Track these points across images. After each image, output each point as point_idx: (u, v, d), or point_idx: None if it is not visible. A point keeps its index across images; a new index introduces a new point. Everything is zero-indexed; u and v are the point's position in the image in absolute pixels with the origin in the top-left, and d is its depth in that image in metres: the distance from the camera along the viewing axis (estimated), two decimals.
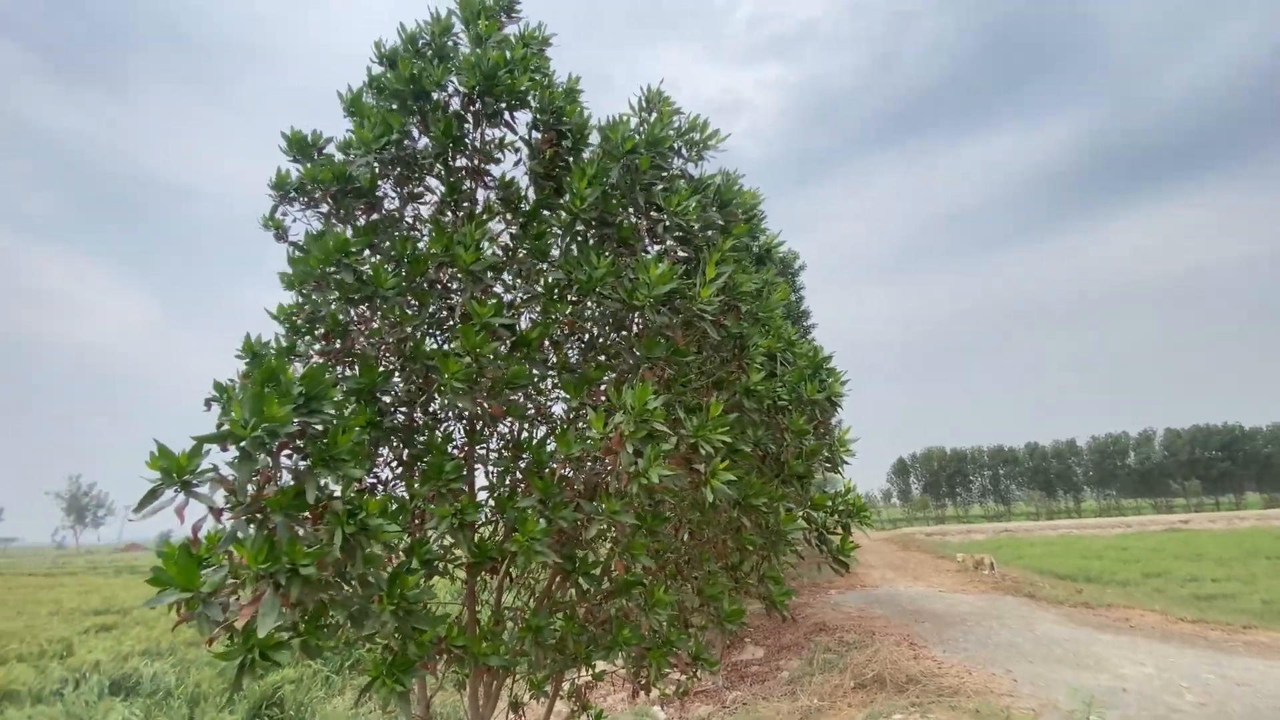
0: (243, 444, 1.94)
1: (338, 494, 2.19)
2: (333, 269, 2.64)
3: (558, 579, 3.27)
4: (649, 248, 3.23)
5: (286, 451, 2.16)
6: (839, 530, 3.35)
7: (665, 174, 3.05)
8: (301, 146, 3.20)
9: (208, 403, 2.86)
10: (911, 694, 7.17)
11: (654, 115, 3.11)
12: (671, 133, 3.05)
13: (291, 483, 2.12)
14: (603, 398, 2.80)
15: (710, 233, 3.03)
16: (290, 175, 3.19)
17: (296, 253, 3.31)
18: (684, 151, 3.20)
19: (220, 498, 2.01)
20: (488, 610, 3.45)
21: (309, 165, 3.11)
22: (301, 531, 2.05)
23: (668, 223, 2.91)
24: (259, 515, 2.02)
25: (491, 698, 3.40)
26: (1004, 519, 69.96)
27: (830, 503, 3.36)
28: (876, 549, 28.98)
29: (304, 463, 2.11)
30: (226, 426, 1.96)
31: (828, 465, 3.42)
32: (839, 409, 3.32)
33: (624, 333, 3.17)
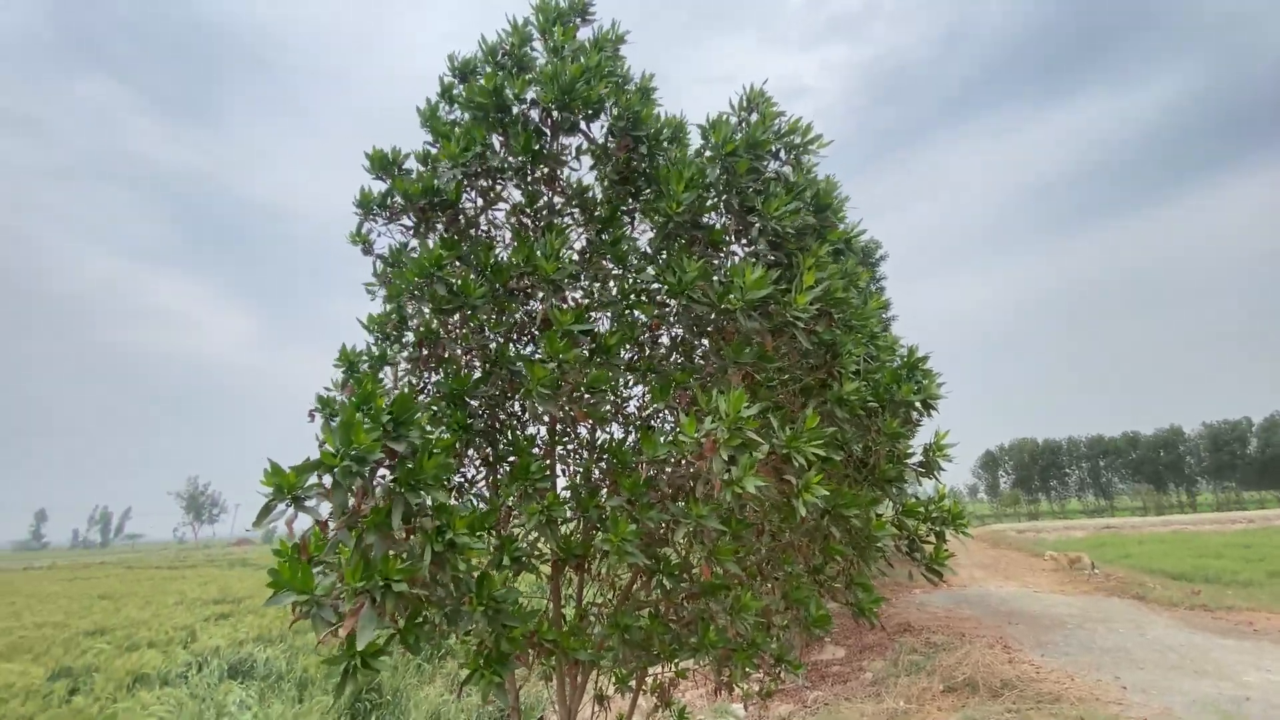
0: (334, 472, 2.03)
1: (428, 514, 2.27)
2: (426, 281, 2.77)
3: (640, 577, 3.31)
4: (738, 251, 3.19)
5: (381, 472, 2.26)
6: (932, 538, 3.21)
7: (761, 176, 3.00)
8: (383, 164, 3.35)
9: (311, 414, 3.07)
10: (1007, 699, 6.81)
11: (754, 116, 3.06)
12: (770, 135, 3.00)
13: (384, 501, 2.24)
14: (687, 401, 2.80)
15: (805, 238, 2.96)
16: (373, 193, 3.35)
17: (381, 265, 3.50)
18: (782, 154, 3.13)
19: (325, 510, 2.15)
20: (571, 606, 3.54)
21: (396, 179, 3.23)
22: (392, 551, 2.14)
23: (761, 226, 2.84)
24: (356, 529, 2.13)
25: (578, 690, 3.48)
26: (1105, 514, 64.97)
27: (923, 509, 3.22)
28: (963, 547, 27.68)
29: (393, 485, 2.19)
30: (320, 457, 2.05)
31: (921, 470, 3.27)
32: (935, 411, 3.17)
33: (707, 337, 3.14)
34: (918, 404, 3.05)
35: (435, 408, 3.10)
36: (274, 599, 2.00)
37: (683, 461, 2.64)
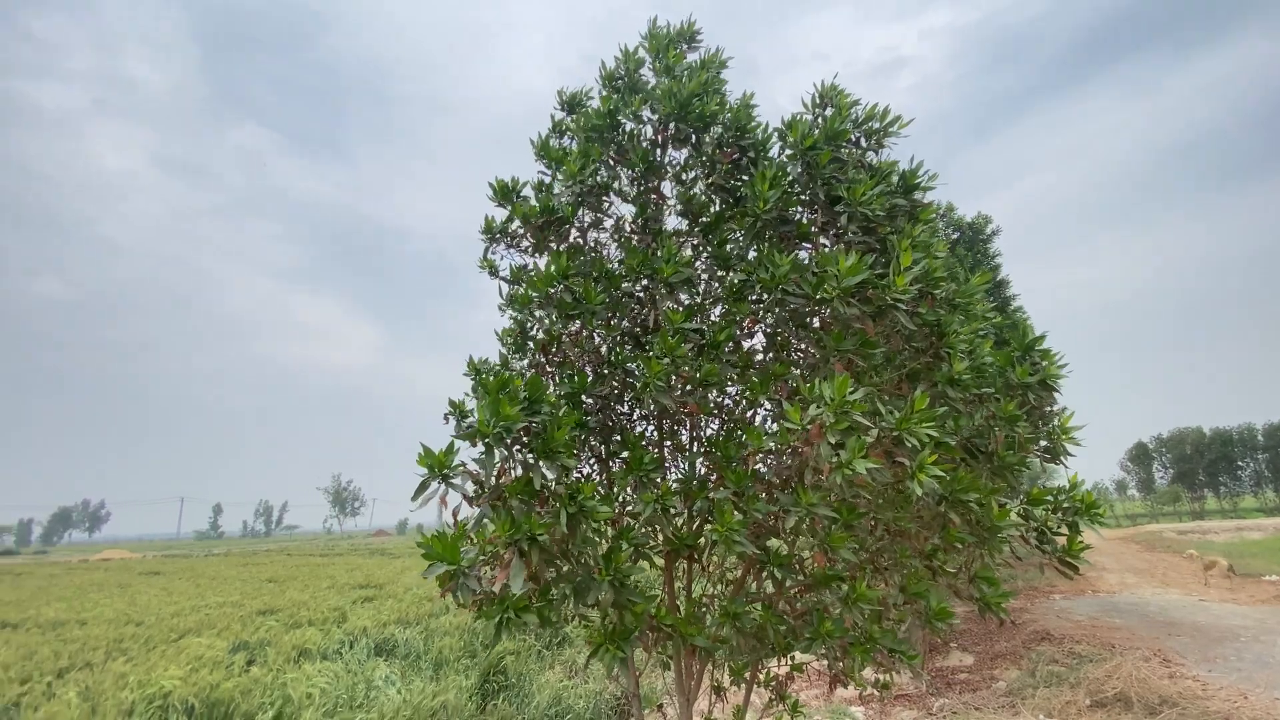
0: (487, 439, 2.39)
1: (560, 482, 2.57)
2: (553, 290, 3.04)
3: (751, 570, 3.37)
4: (828, 242, 3.21)
5: (516, 448, 2.56)
6: (1063, 529, 3.02)
7: (844, 166, 3.04)
8: (504, 193, 3.67)
9: (446, 416, 3.41)
10: (1166, 718, 6.14)
11: (829, 111, 3.12)
12: (849, 125, 3.05)
13: (521, 473, 2.55)
14: (787, 393, 2.84)
15: (897, 220, 2.93)
16: (496, 221, 3.71)
17: (505, 285, 3.85)
18: (863, 142, 3.16)
19: (470, 488, 2.46)
20: (684, 598, 3.65)
21: (515, 205, 3.55)
22: (535, 512, 2.45)
23: (849, 213, 2.86)
24: (500, 501, 2.45)
25: (695, 679, 3.60)
26: None
27: (1052, 498, 3.03)
28: (1112, 549, 24.95)
29: (530, 457, 2.51)
30: (473, 426, 2.43)
31: (1046, 456, 3.08)
32: (1057, 393, 2.98)
33: (805, 329, 3.17)
34: (1036, 385, 2.89)
35: (559, 407, 3.36)
36: (429, 570, 2.32)
37: (788, 452, 2.67)
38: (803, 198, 3.16)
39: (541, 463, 2.44)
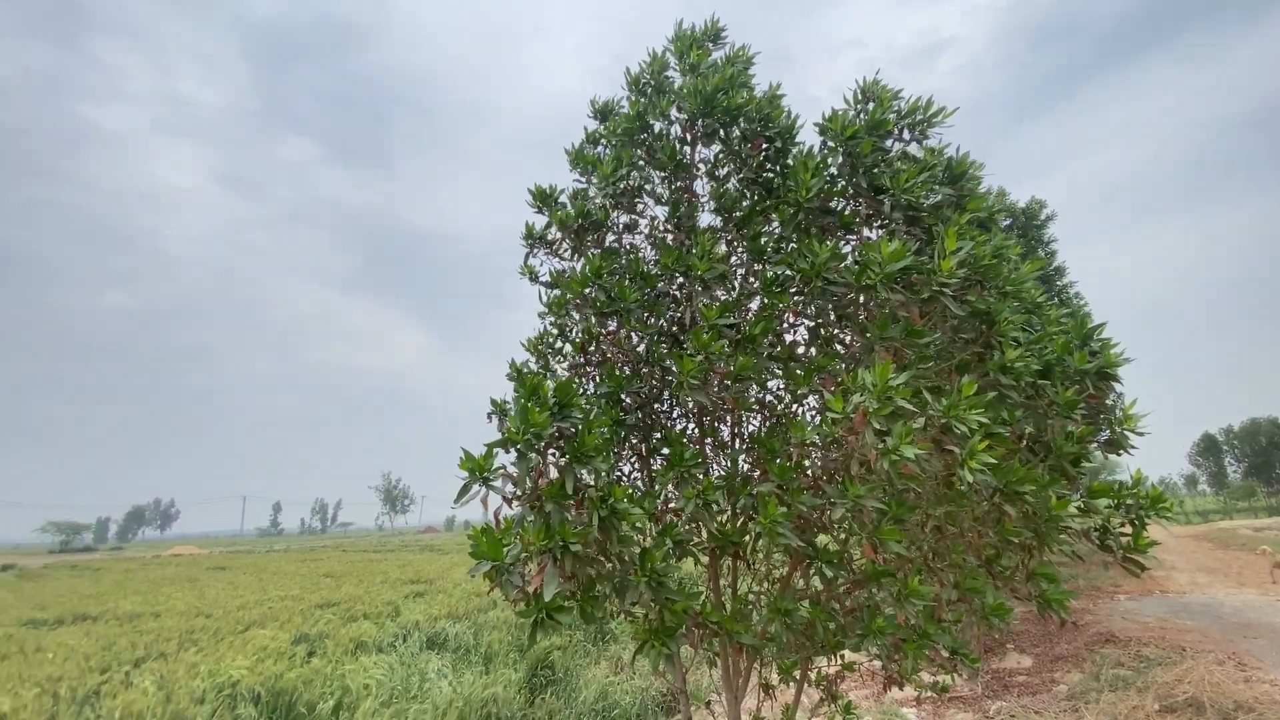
0: (518, 446, 2.42)
1: (593, 485, 2.59)
2: (589, 290, 3.07)
3: (799, 567, 3.32)
4: (872, 232, 3.17)
5: (552, 451, 2.59)
6: (1127, 525, 2.88)
7: (887, 156, 2.99)
8: (543, 198, 3.74)
9: (489, 415, 3.48)
10: None
11: (870, 105, 3.08)
12: (892, 116, 3.01)
13: (557, 476, 2.58)
14: (831, 385, 2.80)
15: (943, 210, 2.86)
16: (535, 227, 3.79)
17: (545, 290, 3.91)
18: (906, 134, 3.12)
19: (509, 490, 2.51)
20: (729, 595, 3.63)
21: (553, 211, 3.62)
22: (569, 516, 2.48)
23: (893, 201, 2.81)
24: (537, 503, 2.48)
25: (743, 676, 3.58)
26: None
27: (1114, 491, 2.89)
28: (1181, 547, 23.67)
29: (563, 460, 2.54)
30: (505, 434, 2.47)
31: (1108, 448, 2.95)
32: (1117, 382, 2.85)
33: (848, 320, 3.12)
34: (1094, 374, 2.76)
35: (593, 406, 3.39)
36: (475, 568, 2.38)
37: (833, 444, 2.62)
38: (845, 189, 3.12)
39: (575, 466, 2.46)
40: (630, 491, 2.68)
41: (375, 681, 7.84)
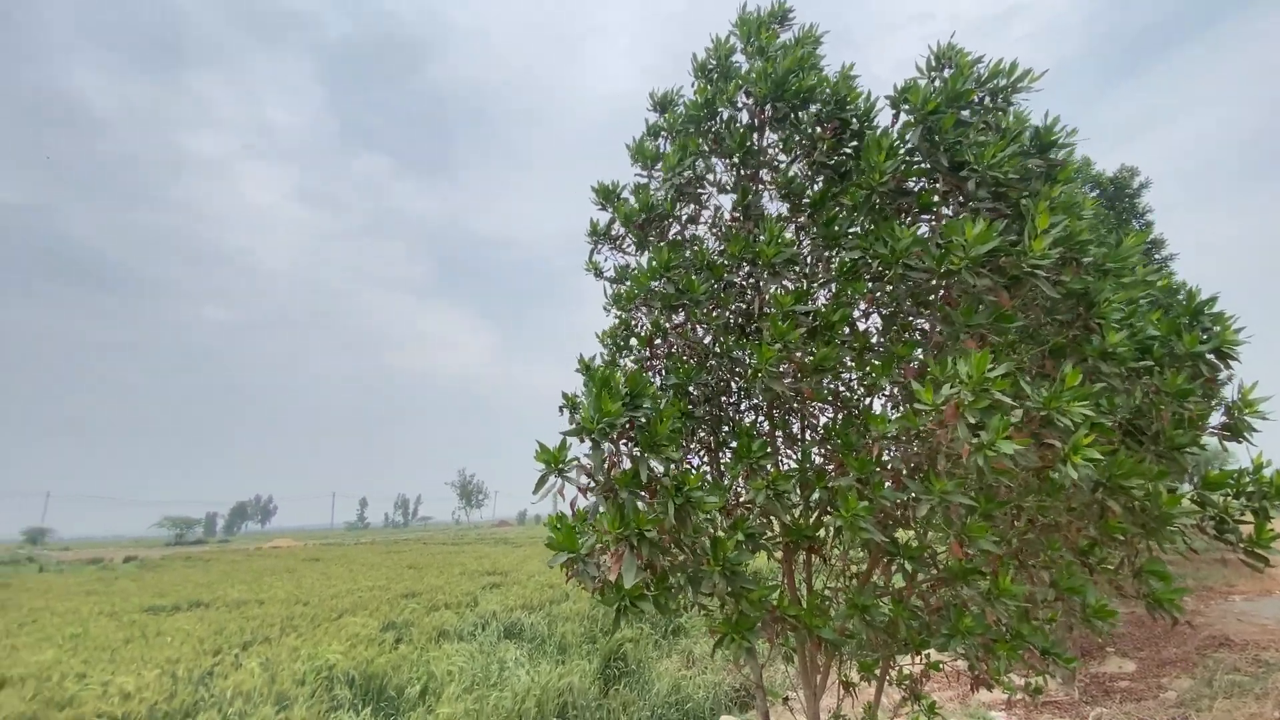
0: (592, 435, 2.47)
1: (666, 474, 2.60)
2: (657, 283, 3.07)
3: (879, 562, 3.21)
4: (952, 212, 3.00)
5: (624, 441, 2.62)
6: (1247, 516, 2.62)
7: (969, 129, 2.82)
8: (606, 195, 3.78)
9: (561, 409, 3.55)
10: None
11: (948, 73, 2.90)
12: (972, 84, 2.82)
13: (628, 467, 2.60)
14: (913, 375, 2.67)
15: (1032, 183, 2.67)
16: (599, 224, 3.82)
17: (610, 286, 3.95)
18: (988, 101, 2.92)
19: (584, 481, 2.56)
20: (805, 590, 3.56)
21: (617, 206, 3.65)
22: (642, 505, 2.50)
23: (978, 178, 2.64)
24: (611, 493, 2.52)
25: (821, 673, 3.49)
26: None
27: (1233, 481, 2.64)
28: None
29: (636, 449, 2.56)
30: (579, 424, 2.51)
31: (1226, 435, 2.69)
32: (1236, 361, 2.58)
33: (929, 306, 2.97)
34: (1209, 355, 2.51)
35: (661, 398, 3.39)
36: (554, 559, 2.45)
37: (917, 437, 2.50)
38: (923, 166, 2.96)
39: (647, 455, 2.48)
40: (704, 478, 2.67)
41: (458, 669, 8.17)
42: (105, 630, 11.86)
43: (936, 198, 2.97)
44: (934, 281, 2.63)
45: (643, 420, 2.57)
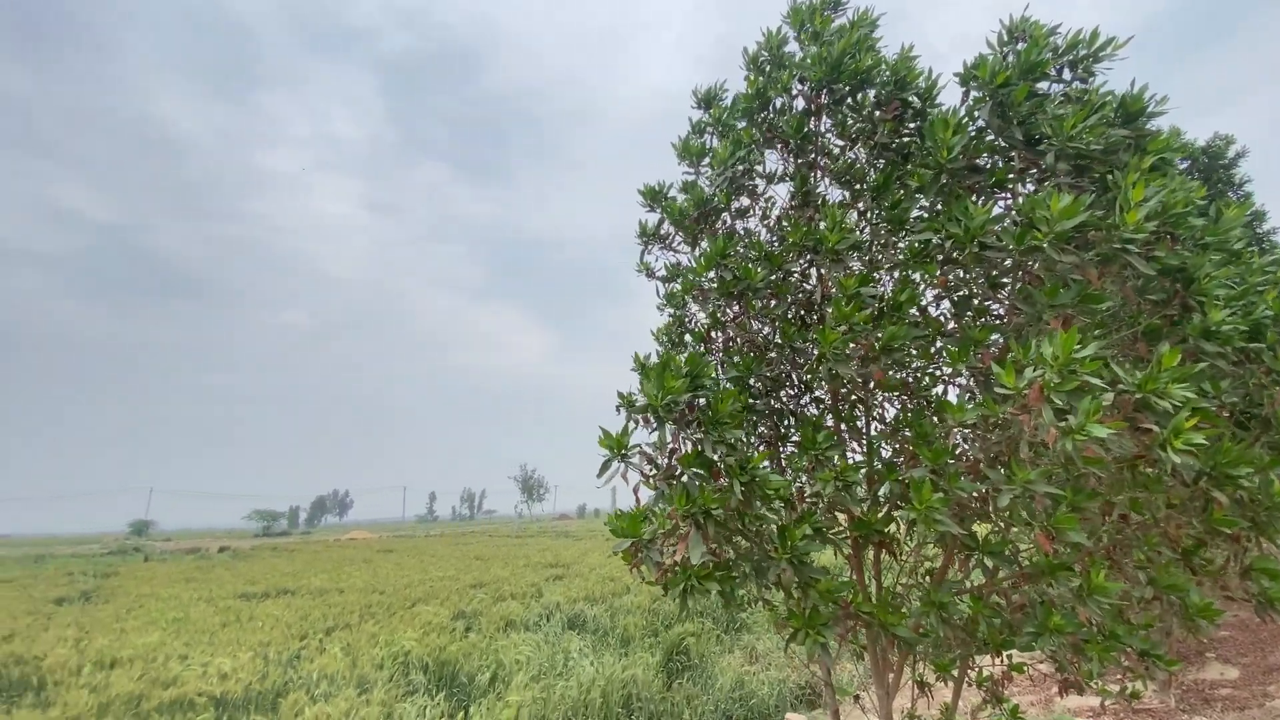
0: (656, 412, 2.53)
1: (731, 455, 2.58)
2: (712, 273, 3.04)
3: (956, 558, 3.07)
4: (1028, 189, 2.84)
5: (686, 425, 2.62)
6: None
7: (1045, 101, 2.66)
8: (654, 196, 3.76)
9: (618, 408, 3.58)
10: None
11: (1021, 46, 2.74)
12: (1049, 55, 2.66)
13: (690, 450, 2.63)
14: (990, 360, 2.54)
15: (1119, 154, 2.49)
16: (648, 224, 3.81)
17: (662, 285, 3.94)
18: (1066, 73, 2.75)
19: (647, 467, 2.58)
20: (874, 586, 3.44)
21: (666, 204, 3.62)
22: (707, 485, 2.49)
23: (1058, 151, 2.48)
24: (673, 478, 2.52)
25: (895, 672, 3.38)
26: None
27: None
28: None
29: (698, 432, 2.56)
30: (643, 401, 2.54)
31: None
32: None
33: (1005, 288, 2.81)
34: None
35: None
36: (618, 545, 2.47)
37: (996, 425, 2.37)
38: (995, 142, 2.80)
39: (710, 433, 2.48)
40: (768, 458, 2.65)
41: (525, 658, 8.38)
42: (204, 615, 12.79)
43: (1012, 174, 2.81)
44: (1013, 260, 2.48)
45: (703, 401, 2.56)
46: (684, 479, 2.48)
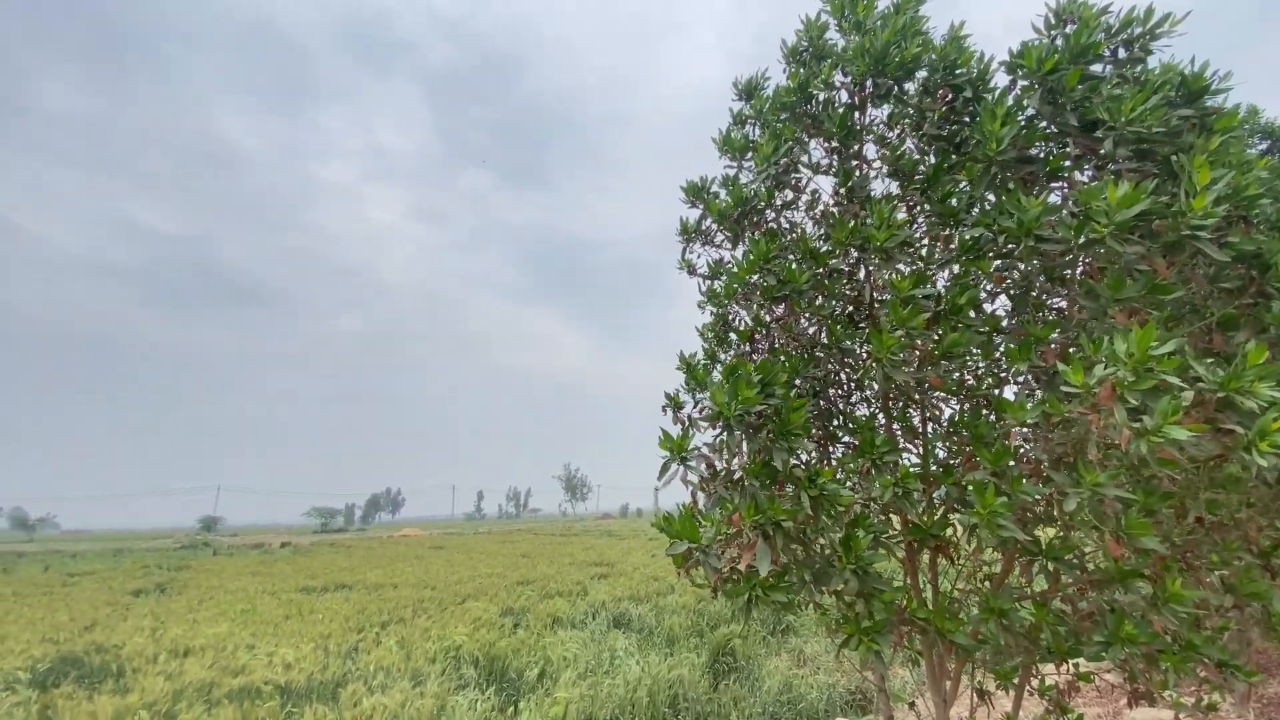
0: (729, 421, 2.49)
1: (800, 465, 2.56)
2: (756, 276, 3.01)
3: (1017, 563, 2.97)
4: (1085, 177, 2.71)
5: (755, 431, 2.59)
6: None
7: (1099, 84, 2.53)
8: (696, 192, 3.72)
9: (664, 408, 3.57)
10: None
11: (1070, 29, 2.61)
12: (1100, 36, 2.53)
13: (755, 458, 2.59)
14: (1052, 358, 2.44)
15: (1183, 136, 2.36)
16: (689, 221, 3.78)
17: (704, 282, 3.91)
18: (1121, 53, 2.61)
19: (705, 470, 2.57)
20: (929, 591, 3.35)
21: (708, 202, 3.59)
22: (774, 497, 2.46)
23: (1116, 136, 2.36)
24: (734, 484, 2.50)
25: (952, 679, 3.29)
26: None
27: None
28: None
29: (767, 440, 2.53)
30: (711, 409, 2.54)
31: None
32: None
33: (1064, 282, 2.69)
34: None
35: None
36: (671, 548, 2.46)
37: (1060, 425, 2.27)
38: (1047, 130, 2.68)
39: (779, 444, 2.44)
40: (836, 472, 2.59)
41: (572, 655, 8.47)
42: (268, 607, 13.38)
43: (1068, 162, 2.68)
44: (1072, 253, 2.37)
45: (772, 410, 2.53)
46: (748, 486, 2.46)
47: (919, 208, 3.17)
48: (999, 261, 2.78)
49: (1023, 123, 2.71)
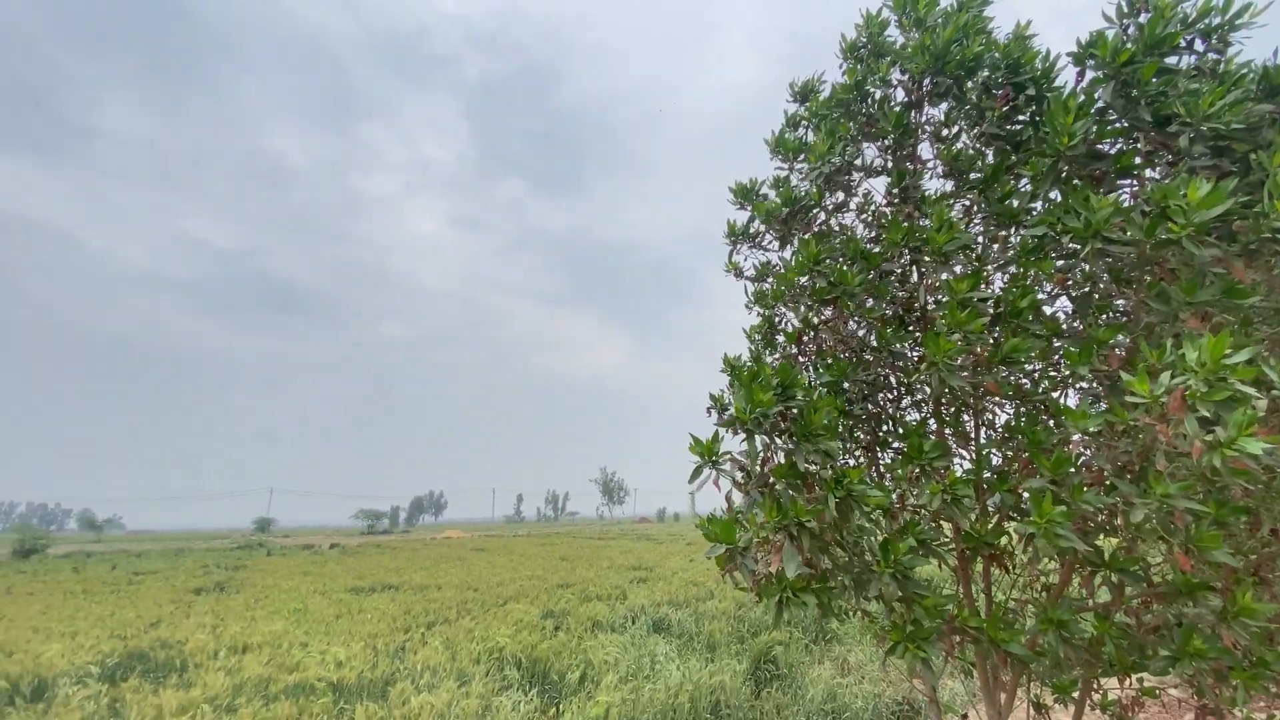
0: (745, 426, 2.49)
1: (826, 467, 2.53)
2: (805, 278, 2.99)
3: (1079, 574, 2.87)
4: (1160, 173, 2.61)
5: (778, 434, 2.59)
6: None
7: (1175, 78, 2.44)
8: (745, 194, 3.72)
9: (708, 410, 3.58)
10: None
11: (1144, 18, 2.52)
12: (1177, 27, 2.43)
13: (783, 460, 2.60)
14: (1116, 363, 2.36)
15: (1263, 132, 2.26)
16: (736, 223, 3.78)
17: (751, 285, 3.90)
18: (1198, 44, 2.50)
19: (738, 475, 2.57)
20: (982, 601, 3.27)
21: (757, 204, 3.58)
22: (800, 497, 2.45)
23: (1193, 133, 2.27)
24: (766, 487, 2.50)
25: (1007, 691, 3.20)
26: None
27: None
28: None
29: (791, 443, 2.52)
30: (732, 414, 2.54)
31: None
32: None
33: (1131, 284, 2.60)
34: None
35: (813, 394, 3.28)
36: (711, 550, 2.48)
37: (1124, 433, 2.20)
38: (1119, 125, 2.59)
39: (804, 446, 2.43)
40: (863, 477, 2.55)
41: (613, 659, 8.51)
42: (319, 606, 13.83)
43: (1139, 159, 2.59)
44: (1143, 254, 2.28)
45: (795, 412, 2.52)
46: (777, 488, 2.45)
47: (975, 208, 3.10)
48: (1061, 262, 2.70)
49: (1094, 116, 2.62)
